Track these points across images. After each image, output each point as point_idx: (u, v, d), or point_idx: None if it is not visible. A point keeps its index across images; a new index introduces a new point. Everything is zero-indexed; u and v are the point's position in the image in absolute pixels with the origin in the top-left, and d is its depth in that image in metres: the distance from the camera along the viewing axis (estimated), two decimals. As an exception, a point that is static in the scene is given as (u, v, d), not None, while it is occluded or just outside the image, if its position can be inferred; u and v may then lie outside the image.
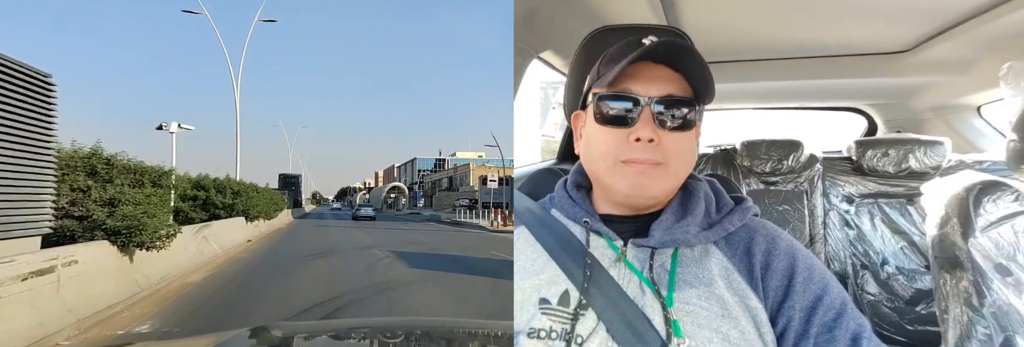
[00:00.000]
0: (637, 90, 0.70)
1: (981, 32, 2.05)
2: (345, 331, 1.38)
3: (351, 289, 5.50)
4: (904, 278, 2.20)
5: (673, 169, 0.70)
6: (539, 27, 1.89)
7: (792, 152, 2.55)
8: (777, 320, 0.67)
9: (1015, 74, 1.24)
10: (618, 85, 0.71)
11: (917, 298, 2.16)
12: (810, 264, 0.70)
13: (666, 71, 0.71)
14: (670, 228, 0.72)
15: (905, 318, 2.17)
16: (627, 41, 0.75)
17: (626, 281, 0.70)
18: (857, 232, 2.33)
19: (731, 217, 0.74)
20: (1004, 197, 1.10)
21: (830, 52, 2.56)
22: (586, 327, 0.67)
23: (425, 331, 1.41)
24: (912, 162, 2.29)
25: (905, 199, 2.29)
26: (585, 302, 0.69)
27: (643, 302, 0.67)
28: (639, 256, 0.71)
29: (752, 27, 2.29)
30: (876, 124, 3.41)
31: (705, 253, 0.72)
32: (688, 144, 0.71)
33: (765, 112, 3.58)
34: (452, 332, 1.41)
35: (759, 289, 0.68)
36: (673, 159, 0.70)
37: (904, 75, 2.69)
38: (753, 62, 2.69)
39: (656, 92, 0.70)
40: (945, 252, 1.18)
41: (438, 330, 1.45)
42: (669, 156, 0.69)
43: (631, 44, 0.74)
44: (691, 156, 0.73)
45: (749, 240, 0.72)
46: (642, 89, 0.70)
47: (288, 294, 5.26)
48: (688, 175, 0.76)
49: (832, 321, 0.65)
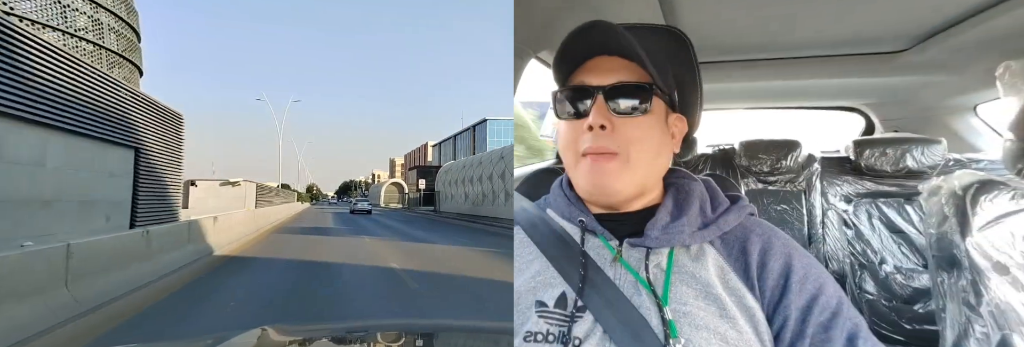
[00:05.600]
0: (591, 81, 0.72)
1: (978, 32, 2.06)
2: (344, 333, 1.38)
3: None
4: (902, 277, 2.20)
5: (632, 159, 0.69)
6: (539, 28, 1.89)
7: (790, 152, 2.56)
8: (773, 319, 0.66)
9: (1011, 74, 1.24)
10: (574, 80, 0.74)
11: (915, 297, 2.17)
12: (806, 263, 0.70)
13: (620, 61, 0.72)
14: (665, 228, 0.71)
15: (903, 317, 2.17)
16: (574, 33, 0.73)
17: (622, 281, 0.69)
18: (855, 231, 2.33)
19: (726, 216, 0.74)
20: (1001, 196, 1.11)
21: (828, 52, 2.56)
22: (583, 329, 0.67)
23: (424, 333, 1.41)
24: (910, 161, 2.30)
25: (903, 198, 2.30)
26: (581, 304, 0.68)
27: (639, 302, 0.67)
28: (635, 256, 0.71)
29: (750, 27, 2.30)
30: (874, 124, 3.42)
31: (701, 252, 0.71)
32: (649, 131, 0.71)
33: (763, 112, 3.59)
34: (452, 333, 1.41)
35: (755, 288, 0.68)
36: (631, 147, 0.69)
37: (901, 75, 2.70)
38: (751, 62, 2.70)
39: (608, 81, 0.71)
40: (943, 251, 1.18)
41: (438, 332, 1.45)
42: (625, 144, 0.69)
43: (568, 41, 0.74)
44: (654, 144, 0.71)
45: (745, 239, 0.72)
46: (595, 80, 0.72)
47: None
48: (667, 166, 0.76)
49: (828, 320, 0.64)
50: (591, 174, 0.70)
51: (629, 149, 0.69)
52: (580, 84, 0.72)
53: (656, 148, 0.72)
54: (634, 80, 0.71)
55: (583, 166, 0.71)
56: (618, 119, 0.70)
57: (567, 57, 0.73)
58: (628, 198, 0.73)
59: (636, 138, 0.69)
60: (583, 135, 0.70)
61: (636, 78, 0.71)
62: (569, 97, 0.73)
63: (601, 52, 0.73)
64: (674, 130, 0.76)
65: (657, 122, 0.72)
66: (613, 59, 0.73)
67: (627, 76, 0.71)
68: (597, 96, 0.70)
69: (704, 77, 0.81)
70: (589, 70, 0.73)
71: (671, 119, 0.76)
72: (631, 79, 0.71)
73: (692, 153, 2.84)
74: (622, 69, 0.72)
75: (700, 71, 0.80)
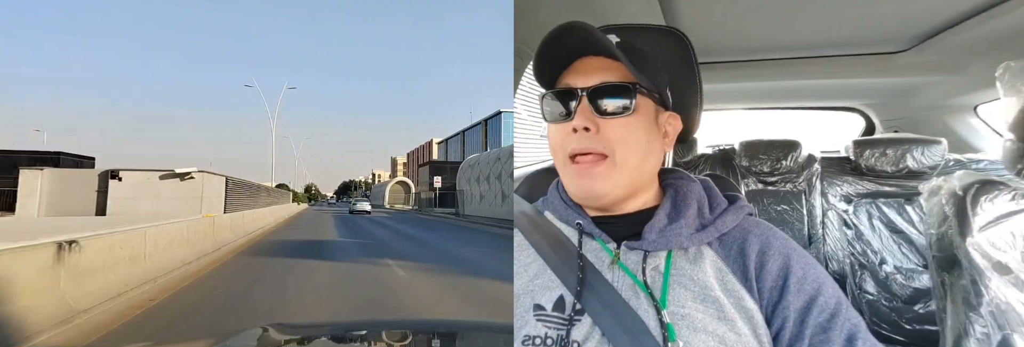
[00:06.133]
0: (575, 83, 0.72)
1: (978, 32, 2.06)
2: (344, 332, 1.38)
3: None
4: (902, 277, 2.20)
5: (619, 160, 0.69)
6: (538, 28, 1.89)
7: (790, 152, 2.56)
8: (772, 321, 0.66)
9: (1012, 74, 1.24)
10: (560, 82, 0.73)
11: (915, 297, 2.17)
12: (805, 263, 0.69)
13: (605, 62, 0.72)
14: (663, 230, 0.71)
15: (903, 317, 2.17)
16: (551, 35, 0.73)
17: (620, 284, 0.69)
18: (855, 232, 2.33)
19: (724, 217, 0.73)
20: (1001, 196, 1.11)
21: (828, 52, 2.56)
22: (581, 332, 0.67)
23: (425, 333, 1.41)
24: (910, 162, 2.30)
25: (903, 198, 2.30)
26: (579, 307, 0.68)
27: (637, 305, 0.67)
28: (632, 258, 0.70)
29: (750, 27, 2.30)
30: (874, 124, 3.42)
31: (699, 254, 0.71)
32: (635, 131, 0.70)
33: (763, 112, 3.59)
34: (452, 333, 1.41)
35: (754, 290, 0.67)
36: (618, 147, 0.69)
37: (901, 75, 2.70)
38: (751, 62, 2.70)
39: (592, 82, 0.71)
40: (943, 251, 1.18)
41: (438, 331, 1.45)
42: (612, 145, 0.69)
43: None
44: (641, 144, 0.71)
45: (743, 240, 0.71)
46: (580, 81, 0.71)
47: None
48: (658, 166, 0.76)
49: (827, 321, 0.64)
50: (578, 178, 0.70)
51: (615, 150, 0.69)
52: (565, 86, 0.72)
53: (644, 148, 0.71)
54: (616, 80, 0.71)
55: (570, 170, 0.71)
56: (602, 120, 0.70)
57: (548, 59, 0.73)
58: (618, 200, 0.73)
59: (622, 139, 0.69)
60: (569, 137, 0.70)
61: (619, 78, 0.71)
62: (555, 99, 0.73)
63: (585, 53, 0.72)
64: (667, 129, 0.76)
65: (644, 122, 0.72)
66: (598, 59, 0.72)
67: (610, 76, 0.71)
68: (581, 98, 0.70)
69: (704, 77, 0.80)
70: (574, 71, 0.73)
71: (662, 118, 0.75)
72: (614, 79, 0.71)
73: (692, 153, 2.84)
74: (606, 69, 0.72)
75: (700, 71, 0.80)
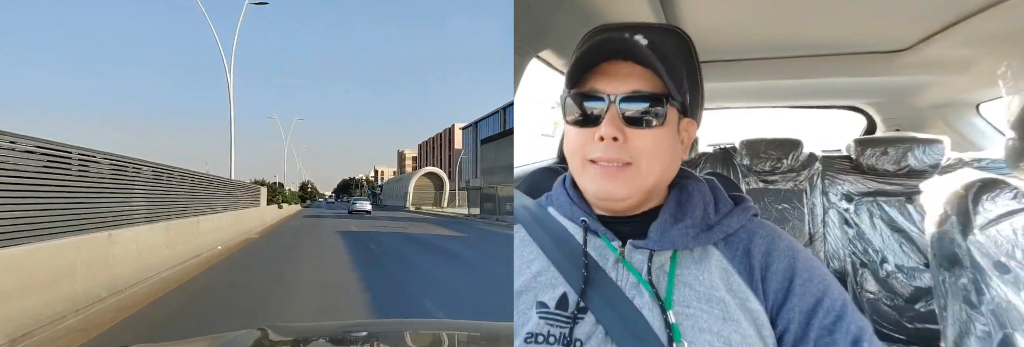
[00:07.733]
0: (603, 88, 0.68)
1: (980, 30, 2.05)
2: (344, 333, 1.38)
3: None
4: (903, 276, 2.20)
5: (644, 169, 0.67)
6: (539, 27, 1.89)
7: (791, 151, 2.56)
8: (777, 323, 0.66)
9: (1014, 72, 1.24)
10: (586, 84, 0.70)
11: (916, 296, 2.17)
12: (810, 265, 0.69)
13: (635, 68, 0.69)
14: (668, 230, 0.70)
15: (904, 316, 2.17)
16: (593, 41, 0.72)
17: (625, 283, 0.69)
18: (856, 230, 2.33)
19: (730, 218, 0.73)
20: (1003, 195, 1.10)
21: (829, 51, 2.56)
22: (584, 331, 0.66)
23: (424, 333, 1.41)
24: (911, 160, 2.30)
25: (904, 197, 2.30)
26: (583, 305, 0.68)
27: (642, 305, 0.67)
28: (637, 257, 0.70)
29: (751, 26, 2.29)
30: (875, 123, 3.41)
31: (704, 254, 0.70)
32: (662, 142, 0.68)
33: (764, 111, 3.58)
34: (452, 334, 1.41)
35: (759, 291, 0.67)
36: (643, 158, 0.67)
37: (903, 73, 2.69)
38: (752, 61, 2.69)
39: (622, 89, 0.68)
40: (944, 250, 1.18)
41: (438, 332, 1.45)
42: (638, 155, 0.67)
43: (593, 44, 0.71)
44: (666, 154, 0.69)
45: (748, 241, 0.71)
46: (609, 87, 0.68)
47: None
48: (675, 173, 0.74)
49: (832, 324, 0.64)
50: (600, 181, 0.68)
51: (641, 160, 0.67)
52: (592, 90, 0.69)
53: (668, 158, 0.70)
54: (649, 90, 0.68)
55: (591, 171, 0.69)
56: (631, 130, 0.67)
57: (583, 63, 0.70)
58: (635, 204, 0.72)
59: (649, 149, 0.67)
60: (593, 144, 0.67)
61: (650, 86, 0.68)
62: (579, 101, 0.70)
63: (615, 56, 0.69)
64: (684, 136, 0.74)
65: (670, 132, 0.70)
66: (627, 64, 0.69)
67: (642, 84, 0.68)
68: (611, 105, 0.67)
69: (705, 76, 0.80)
70: (603, 74, 0.69)
71: (682, 124, 0.73)
72: (646, 88, 0.68)
73: (693, 152, 2.84)
74: (636, 76, 0.69)
75: (701, 70, 0.80)
